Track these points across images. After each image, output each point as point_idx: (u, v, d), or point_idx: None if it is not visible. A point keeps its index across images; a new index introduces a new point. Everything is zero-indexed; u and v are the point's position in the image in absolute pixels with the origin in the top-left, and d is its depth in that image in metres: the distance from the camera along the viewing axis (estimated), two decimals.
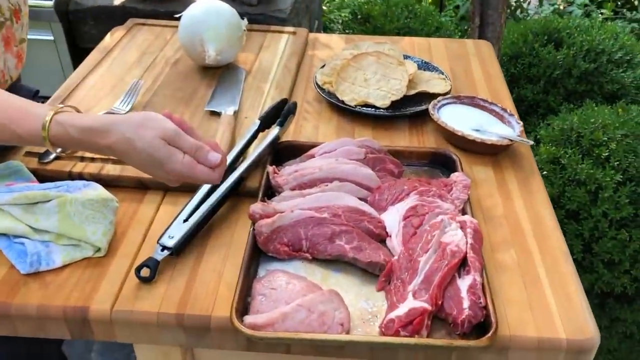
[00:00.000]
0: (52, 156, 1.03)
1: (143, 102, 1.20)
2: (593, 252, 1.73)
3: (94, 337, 0.83)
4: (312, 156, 1.04)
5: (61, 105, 0.87)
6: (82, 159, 1.04)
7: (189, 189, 0.98)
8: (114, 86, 1.24)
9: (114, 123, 0.81)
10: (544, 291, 0.84)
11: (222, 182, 0.96)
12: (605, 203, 1.66)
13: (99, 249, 0.88)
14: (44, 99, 1.23)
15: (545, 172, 1.83)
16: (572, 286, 0.84)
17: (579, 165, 1.76)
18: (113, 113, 1.16)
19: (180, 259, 0.88)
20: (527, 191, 1.02)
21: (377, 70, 1.24)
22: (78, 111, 0.90)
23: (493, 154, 1.10)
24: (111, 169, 1.01)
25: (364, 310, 0.81)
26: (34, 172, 1.00)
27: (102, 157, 1.04)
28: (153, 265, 0.84)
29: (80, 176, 1.00)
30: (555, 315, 0.80)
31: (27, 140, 0.85)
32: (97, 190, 0.92)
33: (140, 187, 1.01)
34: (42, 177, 1.00)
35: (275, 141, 1.06)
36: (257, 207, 0.90)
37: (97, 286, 0.83)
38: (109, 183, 1.00)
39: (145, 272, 0.84)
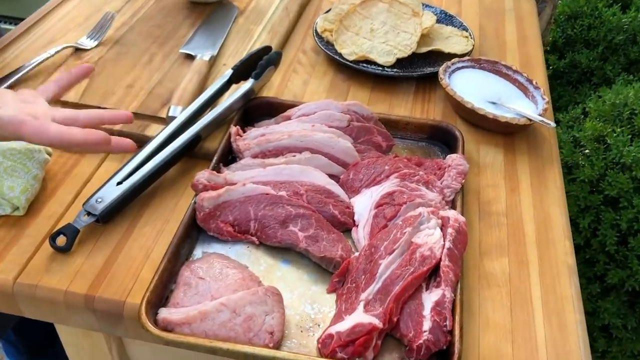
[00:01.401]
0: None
1: (114, 37, 1.06)
2: (629, 246, 1.53)
3: None
4: (289, 118, 0.89)
5: None
6: None
7: (141, 143, 0.84)
8: (88, 18, 1.10)
9: None
10: (533, 317, 0.67)
11: (175, 138, 0.82)
12: None
13: (17, 208, 0.76)
14: None
15: (587, 151, 1.62)
16: (570, 315, 0.68)
17: (626, 147, 1.54)
18: (78, 48, 1.02)
19: (107, 228, 0.75)
20: (541, 185, 0.84)
21: (386, 20, 1.05)
22: None
23: (507, 133, 0.92)
24: None
25: (306, 316, 0.67)
26: None
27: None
28: (71, 233, 0.72)
29: None
30: (541, 350, 0.64)
31: None
32: None
33: None
34: None
35: (248, 96, 0.90)
36: (202, 175, 0.76)
37: (5, 251, 0.72)
38: None
39: (61, 240, 0.72)
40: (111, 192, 0.76)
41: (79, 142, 0.67)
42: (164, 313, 0.65)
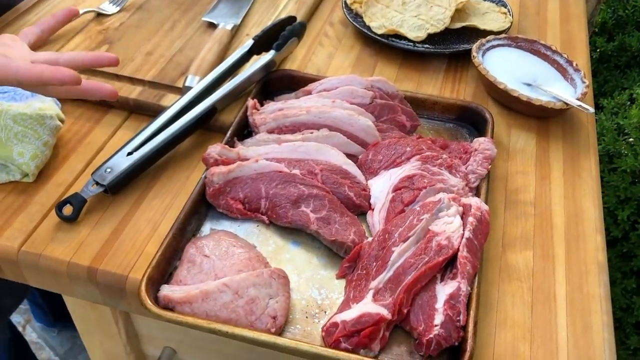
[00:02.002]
0: None
1: (137, 3, 1.03)
2: None
3: (5, 275, 0.71)
4: (310, 93, 0.85)
5: None
6: None
7: (156, 113, 0.82)
8: None
9: None
10: (555, 316, 0.63)
11: (190, 109, 0.79)
12: None
13: (26, 174, 0.74)
14: None
15: (631, 139, 1.54)
16: (597, 316, 0.63)
17: None
18: (99, 13, 1.00)
19: (116, 199, 0.73)
20: (574, 174, 0.78)
21: None
22: None
23: (542, 117, 0.86)
24: None
25: (313, 301, 0.64)
26: None
27: None
28: (77, 203, 0.70)
29: None
30: (562, 352, 0.60)
31: None
32: (43, 103, 0.78)
33: (102, 103, 0.85)
34: None
35: (268, 68, 0.86)
36: (214, 149, 0.73)
37: (13, 218, 0.71)
38: None
39: (67, 210, 0.70)
40: (121, 162, 0.73)
41: (46, 78, 0.65)
42: (166, 290, 0.62)
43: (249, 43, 0.87)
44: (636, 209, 1.48)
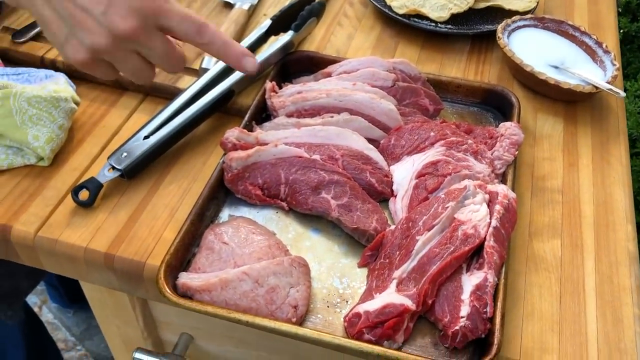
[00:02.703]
0: (30, 34, 0.87)
1: None
2: None
3: (21, 260, 0.70)
4: (329, 75, 0.82)
5: None
6: None
7: (172, 95, 0.80)
8: None
9: None
10: (584, 308, 0.61)
11: (207, 91, 0.77)
12: None
13: (42, 158, 0.73)
14: None
15: None
16: (628, 308, 0.61)
17: None
18: None
19: (132, 184, 0.72)
20: (603, 160, 0.76)
21: None
22: None
23: (570, 101, 0.83)
24: None
25: (334, 290, 0.62)
26: (5, 52, 0.86)
27: None
28: (94, 188, 0.69)
29: (52, 64, 0.84)
30: (591, 345, 0.58)
31: None
32: (58, 85, 0.77)
33: (117, 86, 0.84)
34: (12, 59, 0.85)
35: (287, 49, 0.84)
36: (232, 133, 0.71)
37: (29, 202, 0.69)
38: (83, 76, 0.84)
39: (84, 194, 0.69)
40: (137, 147, 0.72)
41: (216, 44, 0.61)
42: (184, 278, 0.61)
43: (266, 23, 0.84)
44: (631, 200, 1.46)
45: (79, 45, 0.55)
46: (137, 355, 0.74)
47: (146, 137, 0.73)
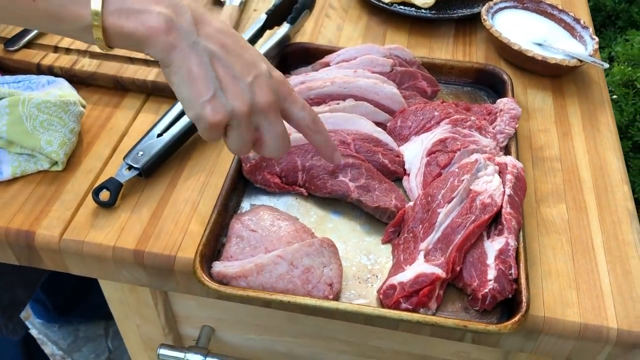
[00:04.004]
0: (23, 42, 0.87)
1: None
2: None
3: (44, 265, 0.70)
4: (328, 64, 0.85)
5: None
6: (56, 49, 0.87)
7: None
8: None
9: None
10: (596, 264, 0.65)
11: None
12: None
13: (55, 163, 0.73)
14: None
15: (615, 97, 1.58)
16: (635, 261, 0.66)
17: None
18: None
19: (150, 182, 0.73)
20: (593, 128, 0.81)
21: None
22: None
23: (556, 76, 0.88)
24: (87, 64, 0.84)
25: (363, 267, 0.65)
26: None
27: (79, 49, 0.87)
28: (114, 188, 0.70)
29: (49, 70, 0.84)
30: (607, 296, 0.63)
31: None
32: (62, 90, 0.77)
33: (118, 87, 0.84)
34: (7, 68, 0.85)
35: (284, 42, 0.86)
36: None
37: (48, 207, 0.70)
38: (83, 80, 0.84)
39: (104, 195, 0.69)
40: (152, 145, 0.73)
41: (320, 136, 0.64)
42: (219, 266, 0.63)
43: (262, 18, 0.86)
44: (624, 163, 1.53)
45: (221, 106, 0.56)
46: (162, 351, 0.75)
47: (159, 135, 0.74)
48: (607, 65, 0.83)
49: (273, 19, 0.88)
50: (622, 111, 1.54)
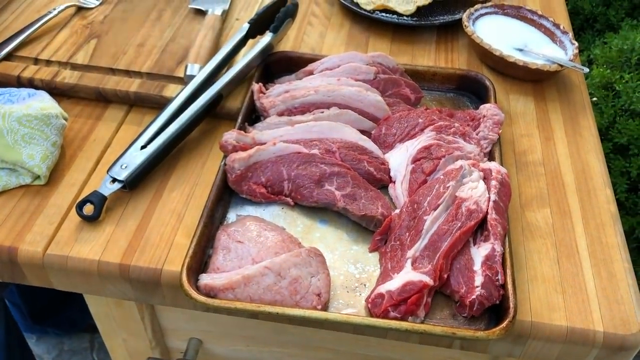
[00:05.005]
0: (1, 55, 0.86)
1: None
2: (639, 194, 1.53)
3: (28, 281, 0.69)
4: (311, 73, 0.85)
5: None
6: (36, 61, 0.86)
7: (159, 105, 0.81)
8: None
9: None
10: (581, 267, 0.66)
11: (196, 97, 0.78)
12: None
13: (38, 177, 0.72)
14: None
15: (595, 99, 1.60)
16: (619, 264, 0.66)
17: (635, 93, 1.53)
18: (81, 7, 0.97)
19: (134, 194, 0.72)
20: (575, 132, 0.82)
21: None
22: None
23: (537, 81, 0.89)
24: (68, 76, 0.84)
25: (351, 276, 0.65)
26: None
27: (59, 60, 0.86)
28: (98, 201, 0.69)
29: (30, 82, 0.83)
30: (592, 300, 0.63)
31: None
32: (43, 103, 0.76)
33: (100, 99, 0.83)
34: None
35: (267, 51, 0.86)
36: (231, 135, 0.73)
37: (31, 222, 0.69)
38: (64, 93, 0.84)
39: (88, 209, 0.69)
40: (136, 157, 0.72)
41: None
42: (206, 279, 0.62)
43: (245, 27, 0.86)
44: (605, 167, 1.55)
45: None
46: None
47: (143, 147, 0.73)
48: (587, 70, 0.84)
49: (256, 28, 0.88)
50: (602, 113, 1.56)
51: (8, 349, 1.28)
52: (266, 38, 0.86)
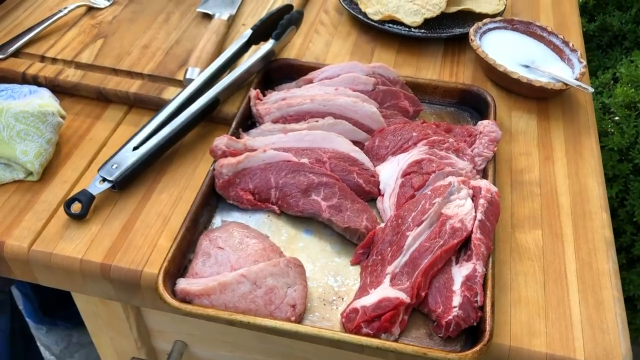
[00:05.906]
0: (10, 50, 0.87)
1: None
2: None
3: (14, 276, 0.70)
4: (311, 81, 0.85)
5: None
6: (43, 58, 0.88)
7: (157, 106, 0.81)
8: None
9: None
10: (567, 293, 0.64)
11: (193, 101, 0.78)
12: None
13: (31, 173, 0.73)
14: None
15: (617, 118, 1.56)
16: (607, 291, 0.64)
17: None
18: (91, 7, 0.98)
19: (123, 195, 0.73)
20: (576, 153, 0.80)
21: None
22: None
23: (542, 99, 0.87)
24: (71, 74, 0.85)
25: (329, 288, 0.64)
26: None
27: (65, 59, 0.88)
28: (86, 200, 0.70)
29: (34, 79, 0.85)
30: (576, 327, 0.61)
31: None
32: (42, 100, 0.77)
33: (101, 98, 0.85)
34: None
35: (268, 57, 0.86)
36: (221, 141, 0.73)
37: (20, 217, 0.70)
38: (66, 91, 0.85)
39: (76, 207, 0.69)
40: (127, 158, 0.73)
41: None
42: (183, 283, 0.62)
43: (247, 33, 0.86)
44: (624, 186, 1.51)
45: None
46: None
47: (135, 148, 0.74)
48: (592, 90, 0.82)
49: (259, 35, 0.88)
50: (623, 133, 1.52)
51: (12, 337, 1.30)
52: (268, 44, 0.86)
